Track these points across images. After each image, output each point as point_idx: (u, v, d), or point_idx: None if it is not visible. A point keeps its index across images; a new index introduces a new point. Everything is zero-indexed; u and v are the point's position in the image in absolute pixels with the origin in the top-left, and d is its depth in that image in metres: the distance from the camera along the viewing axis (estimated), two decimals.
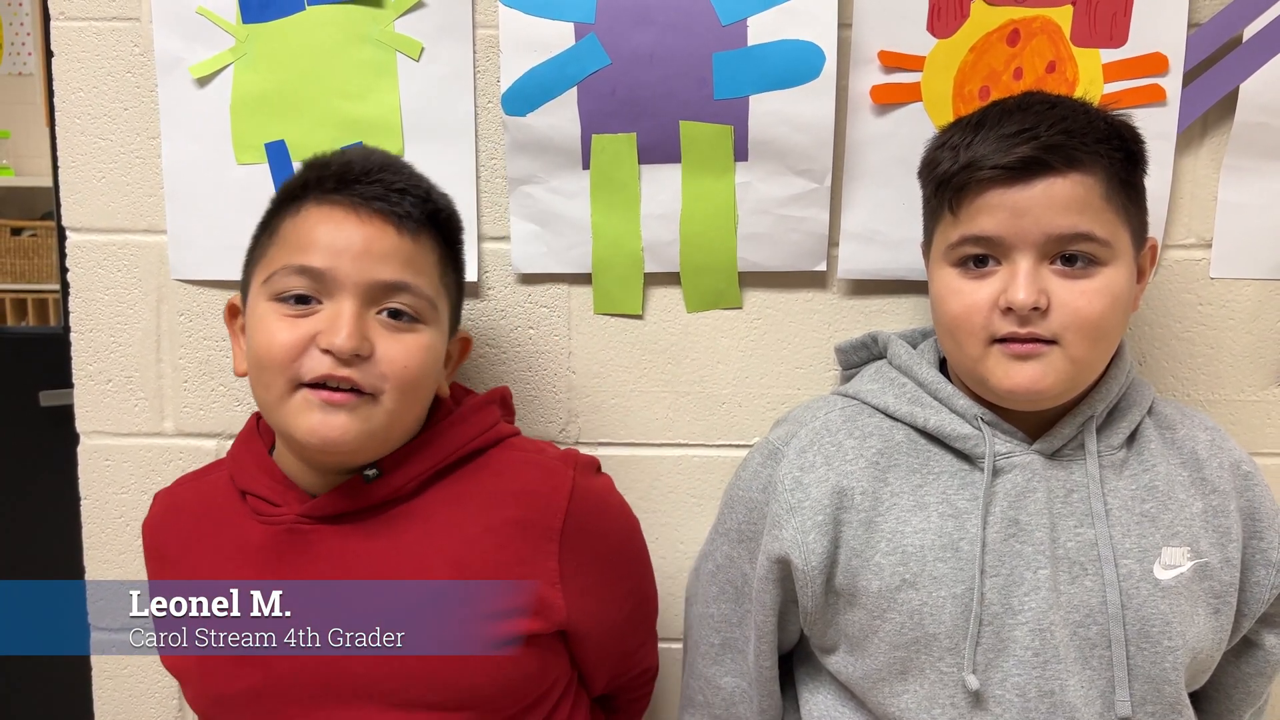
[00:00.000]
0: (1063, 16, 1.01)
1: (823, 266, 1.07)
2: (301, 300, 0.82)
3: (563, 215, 1.07)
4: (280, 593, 0.85)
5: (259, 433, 0.93)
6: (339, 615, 0.84)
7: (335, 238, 0.82)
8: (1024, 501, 0.86)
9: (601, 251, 1.08)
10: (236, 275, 1.08)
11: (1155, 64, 1.02)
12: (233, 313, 0.91)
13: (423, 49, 1.04)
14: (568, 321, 1.11)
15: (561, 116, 1.04)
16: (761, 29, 1.01)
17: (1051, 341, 0.83)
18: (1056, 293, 0.82)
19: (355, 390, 0.81)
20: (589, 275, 1.09)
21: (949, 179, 0.85)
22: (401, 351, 0.82)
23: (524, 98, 1.04)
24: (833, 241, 1.07)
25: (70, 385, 1.13)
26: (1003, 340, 0.84)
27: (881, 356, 0.99)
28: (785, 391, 1.11)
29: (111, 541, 1.15)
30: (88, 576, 1.16)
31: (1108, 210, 0.83)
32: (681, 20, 1.01)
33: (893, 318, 1.09)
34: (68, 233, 1.10)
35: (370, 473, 0.85)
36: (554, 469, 0.90)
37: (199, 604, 0.86)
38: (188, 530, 0.91)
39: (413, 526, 0.87)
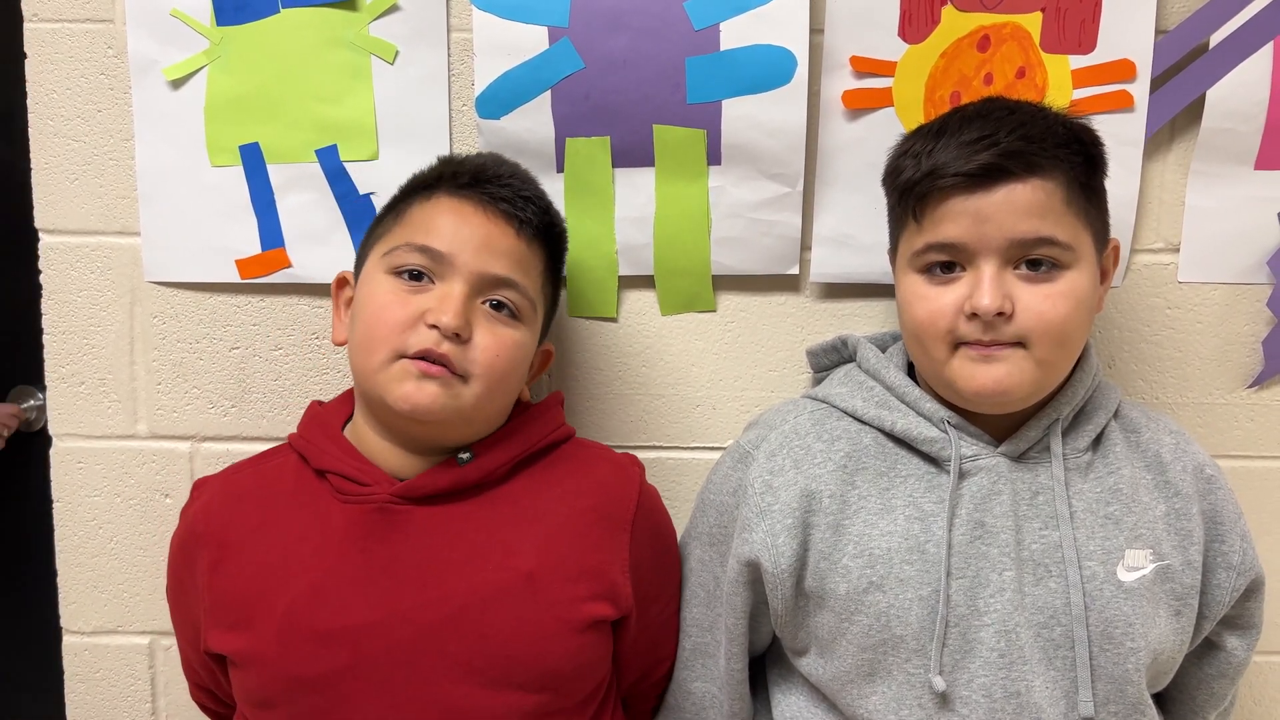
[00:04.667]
0: (1032, 23, 1.02)
1: (795, 270, 1.08)
2: (415, 277, 0.87)
3: None
4: (367, 572, 0.87)
5: (327, 417, 0.95)
6: (430, 594, 0.86)
7: (460, 227, 0.88)
8: (990, 504, 0.87)
9: (576, 255, 1.08)
10: (211, 277, 1.09)
11: (1123, 70, 1.03)
12: (340, 284, 0.96)
13: (397, 52, 1.05)
14: None
15: (535, 120, 1.04)
16: (734, 34, 1.01)
17: (1017, 344, 0.83)
18: (1021, 297, 0.83)
19: (448, 369, 0.85)
20: (563, 279, 1.09)
21: (912, 187, 0.86)
22: (495, 342, 0.87)
23: (498, 101, 1.04)
24: (805, 245, 1.08)
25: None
26: (969, 345, 0.84)
27: (851, 359, 1.00)
28: (759, 394, 1.12)
29: (84, 545, 1.14)
30: (60, 580, 1.15)
31: (1069, 214, 0.84)
32: (654, 25, 1.01)
33: (864, 321, 1.10)
34: (40, 234, 1.09)
35: (465, 455, 0.90)
36: (624, 465, 0.98)
37: (284, 584, 0.87)
38: (254, 515, 0.91)
39: (501, 510, 0.90)
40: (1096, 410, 0.91)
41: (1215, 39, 1.02)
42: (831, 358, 1.03)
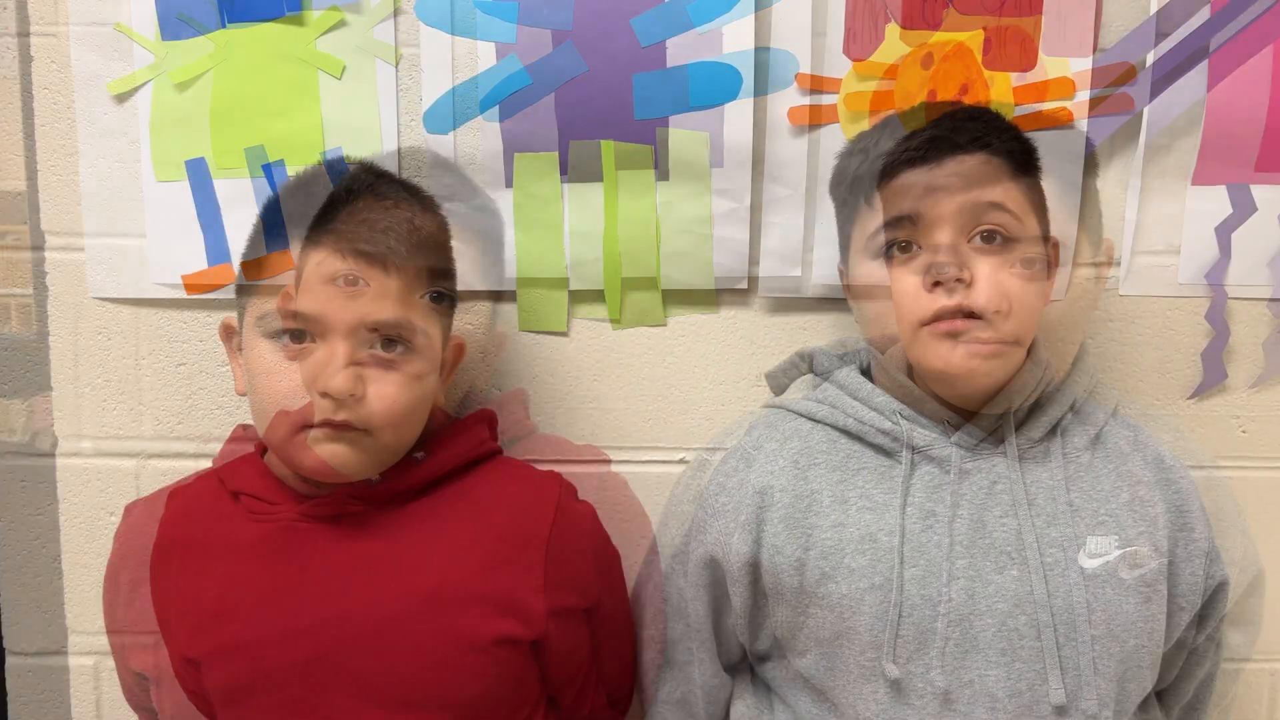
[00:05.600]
0: (974, 41, 1.04)
1: (744, 285, 1.09)
2: (296, 337, 0.84)
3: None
4: (271, 588, 0.86)
5: (248, 439, 0.96)
6: (329, 613, 0.86)
7: (324, 282, 0.83)
8: (942, 493, 0.88)
9: (526, 269, 1.08)
10: (156, 294, 1.08)
11: (1063, 87, 1.04)
12: (228, 332, 0.94)
13: (344, 67, 1.05)
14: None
15: (483, 135, 1.04)
16: (680, 51, 1.02)
17: (979, 317, 0.84)
18: (978, 267, 0.84)
19: (350, 428, 0.84)
20: (514, 293, 1.09)
21: (862, 176, 0.88)
22: (392, 390, 0.85)
23: (445, 116, 1.04)
24: (753, 260, 1.08)
25: None
26: (933, 321, 0.85)
27: (810, 372, 1.01)
28: (710, 407, 1.12)
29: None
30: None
31: (1016, 188, 0.86)
32: (602, 42, 1.02)
33: (815, 334, 1.10)
34: None
35: (374, 477, 0.89)
36: (542, 483, 0.95)
37: (191, 599, 0.88)
38: (187, 533, 0.92)
39: (407, 530, 0.89)
40: (1050, 403, 0.92)
41: (1151, 57, 1.04)
42: (791, 375, 1.03)
